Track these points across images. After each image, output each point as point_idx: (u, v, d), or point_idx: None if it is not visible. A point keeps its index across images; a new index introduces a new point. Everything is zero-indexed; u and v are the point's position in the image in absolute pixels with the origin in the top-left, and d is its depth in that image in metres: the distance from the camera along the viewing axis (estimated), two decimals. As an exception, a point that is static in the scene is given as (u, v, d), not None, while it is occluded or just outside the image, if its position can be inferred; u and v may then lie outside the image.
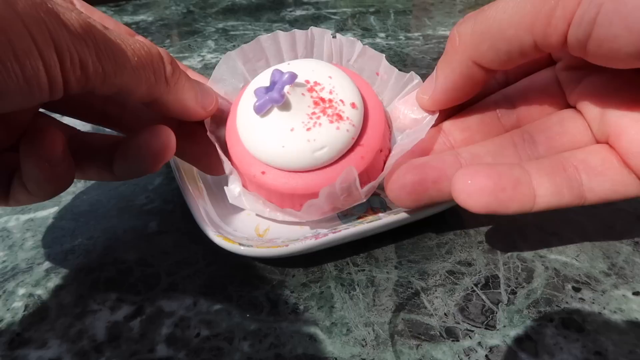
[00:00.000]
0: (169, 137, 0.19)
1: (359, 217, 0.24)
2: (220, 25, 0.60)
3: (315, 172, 0.21)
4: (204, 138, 0.23)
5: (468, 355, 0.18)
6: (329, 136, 0.20)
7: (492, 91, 0.22)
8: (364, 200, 0.21)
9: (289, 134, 0.20)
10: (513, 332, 0.19)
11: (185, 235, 0.25)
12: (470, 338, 0.19)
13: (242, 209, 0.25)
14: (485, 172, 0.18)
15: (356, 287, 0.21)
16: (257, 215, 0.24)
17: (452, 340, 0.19)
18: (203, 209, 0.23)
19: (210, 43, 0.54)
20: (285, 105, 0.21)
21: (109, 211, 0.27)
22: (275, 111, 0.21)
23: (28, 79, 0.13)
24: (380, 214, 0.24)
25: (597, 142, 0.19)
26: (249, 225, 0.24)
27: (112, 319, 0.20)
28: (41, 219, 0.26)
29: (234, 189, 0.22)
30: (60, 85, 0.14)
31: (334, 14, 0.64)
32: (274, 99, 0.20)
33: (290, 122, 0.21)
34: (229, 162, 0.22)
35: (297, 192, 0.21)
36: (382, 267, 0.22)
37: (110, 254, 0.24)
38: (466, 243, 0.24)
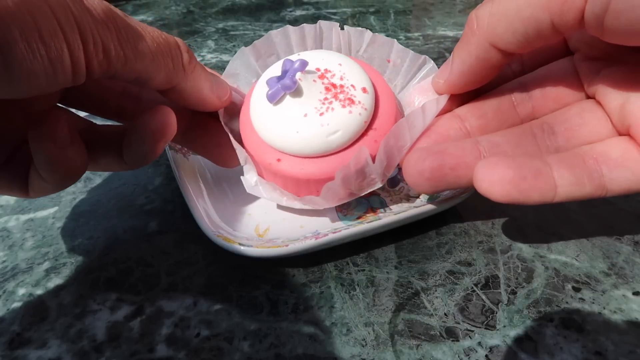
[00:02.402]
0: (168, 116, 0.19)
1: (359, 217, 0.24)
2: (220, 25, 0.60)
3: (330, 157, 0.21)
4: (216, 130, 0.23)
5: (468, 355, 0.18)
6: (342, 120, 0.21)
7: (506, 79, 0.22)
8: (380, 184, 0.22)
9: (303, 120, 0.21)
10: (513, 332, 0.19)
11: (185, 235, 0.25)
12: (470, 338, 0.19)
13: (242, 209, 0.25)
14: (506, 163, 0.18)
15: (356, 287, 0.21)
16: (278, 206, 0.25)
17: (452, 340, 0.19)
18: (203, 209, 0.23)
19: (210, 43, 0.54)
20: (297, 92, 0.21)
21: (109, 211, 0.27)
22: (288, 98, 0.21)
23: (52, 60, 0.13)
24: (380, 214, 0.24)
25: (618, 133, 0.19)
26: (249, 225, 0.24)
27: (112, 319, 0.20)
28: (41, 219, 0.26)
29: (250, 179, 0.23)
30: (83, 68, 0.14)
31: (334, 14, 0.64)
32: (286, 85, 0.21)
33: (303, 108, 0.21)
34: (244, 151, 0.22)
35: (313, 178, 0.21)
36: (382, 267, 0.22)
37: (111, 254, 0.24)
38: (466, 243, 0.24)
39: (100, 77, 0.15)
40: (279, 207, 0.25)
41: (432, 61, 0.24)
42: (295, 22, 0.61)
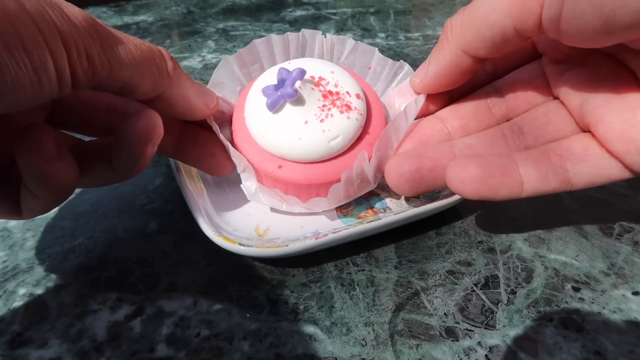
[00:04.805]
0: (153, 118, 0.18)
1: (359, 217, 0.24)
2: (221, 26, 0.60)
3: (329, 161, 0.22)
4: (206, 140, 0.23)
5: (468, 355, 0.18)
6: (342, 126, 0.22)
7: (483, 82, 0.24)
8: (374, 186, 0.23)
9: (304, 127, 0.22)
10: (513, 332, 0.19)
11: (185, 235, 0.25)
12: (470, 338, 0.19)
13: (242, 209, 0.25)
14: (475, 161, 0.19)
15: (356, 287, 0.22)
16: (272, 209, 0.25)
17: (452, 340, 0.19)
18: (203, 208, 0.23)
19: (211, 43, 0.54)
20: (297, 100, 0.22)
21: (109, 211, 0.27)
22: (288, 106, 0.22)
23: (37, 68, 0.13)
24: (380, 214, 0.24)
25: (581, 130, 0.20)
26: (249, 225, 0.24)
27: (112, 319, 0.20)
28: (41, 219, 0.26)
29: (250, 186, 0.23)
30: (68, 77, 0.14)
31: (334, 14, 0.64)
32: (287, 94, 0.21)
33: (304, 115, 0.22)
34: (244, 159, 0.23)
35: (315, 182, 0.22)
36: (382, 267, 0.22)
37: (111, 254, 0.24)
38: (466, 243, 0.24)
39: (86, 86, 0.15)
40: (280, 210, 0.25)
41: (408, 65, 0.26)
42: (295, 22, 0.61)
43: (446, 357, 0.18)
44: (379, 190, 0.26)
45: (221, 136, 0.22)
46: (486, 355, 0.18)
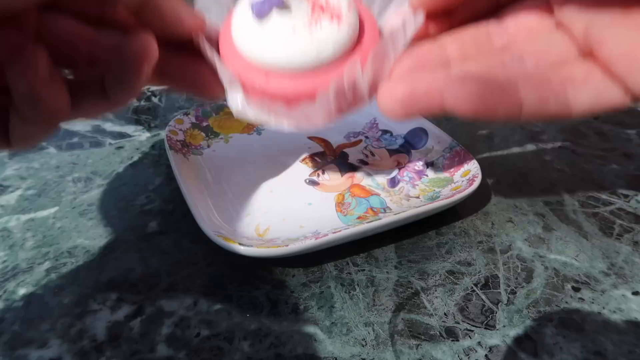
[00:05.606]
0: (148, 37, 0.18)
1: (359, 217, 0.24)
2: None
3: (318, 71, 0.22)
4: (195, 62, 0.23)
5: (468, 355, 0.18)
6: (331, 35, 0.21)
7: (484, 11, 0.23)
8: (368, 102, 0.22)
9: (292, 35, 0.21)
10: (513, 332, 0.19)
11: (185, 235, 0.25)
12: (470, 338, 0.19)
13: (242, 209, 0.25)
14: (473, 79, 0.19)
15: (356, 287, 0.22)
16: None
17: (452, 340, 0.19)
18: (203, 209, 0.23)
19: None
20: (285, 8, 0.21)
21: (109, 211, 0.27)
22: (276, 15, 0.21)
23: None
24: (380, 214, 0.24)
25: (584, 55, 0.20)
26: (249, 225, 0.24)
27: (112, 319, 0.20)
28: (41, 219, 0.26)
29: (236, 99, 0.22)
30: None
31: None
32: (274, 0, 0.21)
33: (291, 23, 0.21)
34: (228, 72, 0.22)
35: (303, 93, 0.21)
36: (382, 267, 0.22)
37: (111, 254, 0.24)
38: (466, 243, 0.24)
39: None
40: (279, 207, 0.25)
41: None
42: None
43: (446, 357, 0.18)
44: (379, 190, 0.26)
45: (207, 50, 0.22)
46: (486, 355, 0.18)
